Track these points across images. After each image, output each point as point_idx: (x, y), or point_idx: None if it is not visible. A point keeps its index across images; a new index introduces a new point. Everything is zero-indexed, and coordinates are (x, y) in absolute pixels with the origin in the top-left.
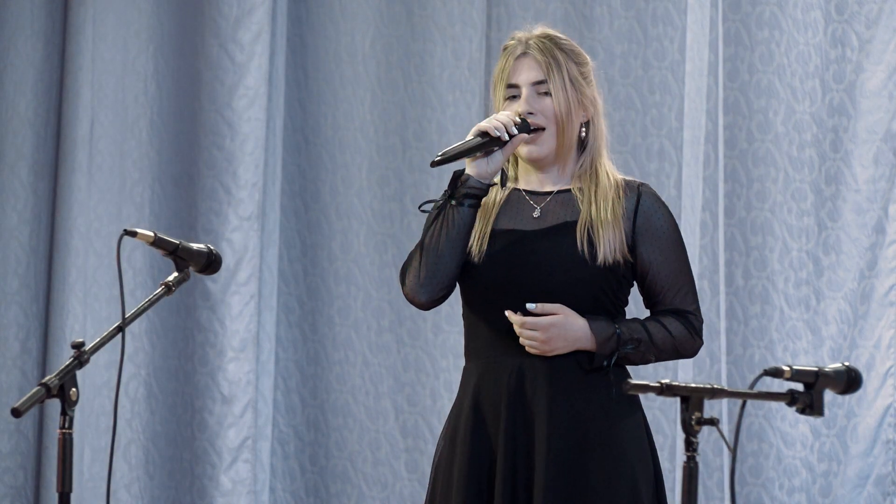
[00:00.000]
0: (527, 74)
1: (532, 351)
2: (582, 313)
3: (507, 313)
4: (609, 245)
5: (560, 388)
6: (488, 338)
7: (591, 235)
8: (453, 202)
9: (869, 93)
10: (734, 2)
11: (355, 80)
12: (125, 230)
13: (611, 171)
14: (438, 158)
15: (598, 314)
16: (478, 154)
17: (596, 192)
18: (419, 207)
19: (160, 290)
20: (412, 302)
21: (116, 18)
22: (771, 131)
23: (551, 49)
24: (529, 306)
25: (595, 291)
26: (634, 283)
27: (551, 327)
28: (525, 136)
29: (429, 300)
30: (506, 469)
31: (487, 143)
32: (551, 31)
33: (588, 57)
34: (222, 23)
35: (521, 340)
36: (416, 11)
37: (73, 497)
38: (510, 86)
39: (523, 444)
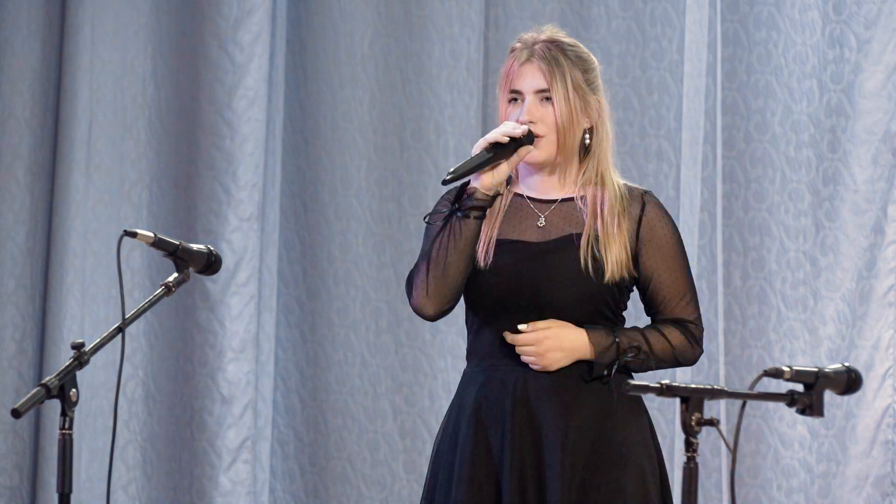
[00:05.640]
0: (530, 82)
1: (534, 367)
2: (582, 325)
3: (505, 334)
4: (615, 262)
5: (566, 398)
6: (491, 345)
7: (596, 251)
8: (459, 214)
9: (868, 93)
10: (732, 2)
11: (354, 81)
12: (125, 231)
13: (616, 179)
14: (450, 177)
15: (598, 324)
16: (486, 168)
17: (603, 203)
18: (424, 219)
19: (160, 290)
20: (419, 314)
21: (115, 18)
22: (768, 132)
23: (556, 56)
24: (522, 327)
25: (598, 305)
26: (634, 289)
27: (545, 340)
28: (530, 147)
29: (436, 312)
30: (513, 481)
31: (496, 157)
32: (558, 36)
33: (595, 61)
34: (222, 23)
35: (523, 358)
36: (415, 12)
37: (72, 498)
38: (513, 91)
39: (531, 455)
